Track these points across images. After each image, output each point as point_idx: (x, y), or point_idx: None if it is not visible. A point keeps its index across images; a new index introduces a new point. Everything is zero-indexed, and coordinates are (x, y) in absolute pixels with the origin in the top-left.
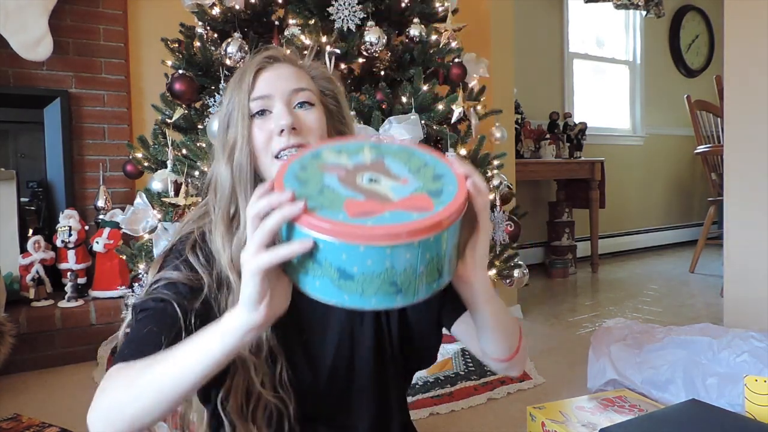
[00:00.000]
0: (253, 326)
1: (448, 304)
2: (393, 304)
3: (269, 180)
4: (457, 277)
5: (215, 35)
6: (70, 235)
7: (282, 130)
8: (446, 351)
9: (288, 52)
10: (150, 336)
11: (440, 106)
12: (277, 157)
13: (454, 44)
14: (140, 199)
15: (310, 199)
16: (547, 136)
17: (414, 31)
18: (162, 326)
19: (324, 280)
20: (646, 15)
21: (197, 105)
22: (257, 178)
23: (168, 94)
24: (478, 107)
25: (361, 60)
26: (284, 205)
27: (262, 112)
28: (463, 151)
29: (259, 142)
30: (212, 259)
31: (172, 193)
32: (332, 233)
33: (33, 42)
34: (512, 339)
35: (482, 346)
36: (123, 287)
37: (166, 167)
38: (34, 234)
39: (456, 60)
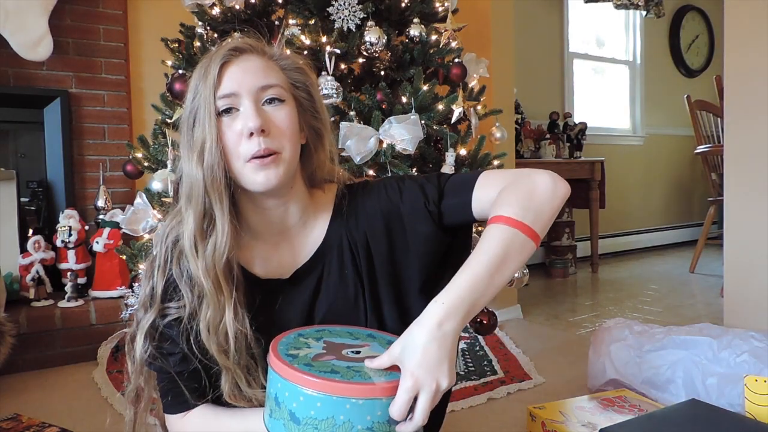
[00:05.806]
0: None
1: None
2: None
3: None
4: None
5: (215, 35)
6: (70, 235)
7: (251, 133)
8: None
9: (255, 41)
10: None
11: (440, 106)
12: (249, 162)
13: (454, 44)
14: (140, 199)
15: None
16: (547, 136)
17: (414, 31)
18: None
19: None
20: (646, 15)
21: None
22: (229, 180)
23: (168, 94)
24: (478, 107)
25: (361, 60)
26: None
27: (229, 110)
28: (463, 151)
29: (230, 143)
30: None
31: (171, 193)
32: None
33: (33, 42)
34: None
35: None
36: (123, 287)
37: (166, 167)
38: (34, 234)
39: (456, 60)
